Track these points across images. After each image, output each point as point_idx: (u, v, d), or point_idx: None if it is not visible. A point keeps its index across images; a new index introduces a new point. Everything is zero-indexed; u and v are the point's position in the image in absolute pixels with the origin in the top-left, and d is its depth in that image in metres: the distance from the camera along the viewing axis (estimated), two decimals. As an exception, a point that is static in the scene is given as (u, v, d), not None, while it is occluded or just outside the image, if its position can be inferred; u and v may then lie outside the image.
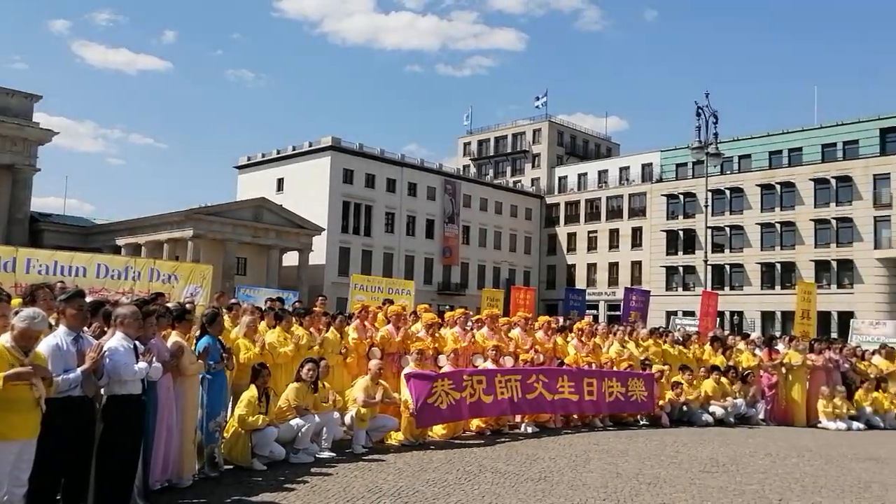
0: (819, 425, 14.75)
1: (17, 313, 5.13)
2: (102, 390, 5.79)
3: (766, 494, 7.73)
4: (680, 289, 65.93)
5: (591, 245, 74.83)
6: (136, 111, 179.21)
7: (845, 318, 48.03)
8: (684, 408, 13.64)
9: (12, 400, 4.76)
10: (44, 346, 5.30)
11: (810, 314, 21.37)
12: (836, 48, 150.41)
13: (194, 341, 7.58)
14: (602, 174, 77.49)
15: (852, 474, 9.18)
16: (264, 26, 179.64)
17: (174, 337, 6.98)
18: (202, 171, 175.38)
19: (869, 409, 15.51)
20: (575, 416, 12.51)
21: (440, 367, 10.86)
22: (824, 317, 55.26)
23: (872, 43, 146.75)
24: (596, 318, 50.17)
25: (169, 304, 7.92)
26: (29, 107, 46.73)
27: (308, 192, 60.67)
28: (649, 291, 32.99)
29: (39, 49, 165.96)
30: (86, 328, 6.06)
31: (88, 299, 6.65)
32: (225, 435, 7.97)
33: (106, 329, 6.34)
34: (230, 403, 8.58)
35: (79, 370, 5.39)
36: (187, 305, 8.51)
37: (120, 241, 52.70)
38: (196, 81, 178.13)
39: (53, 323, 5.86)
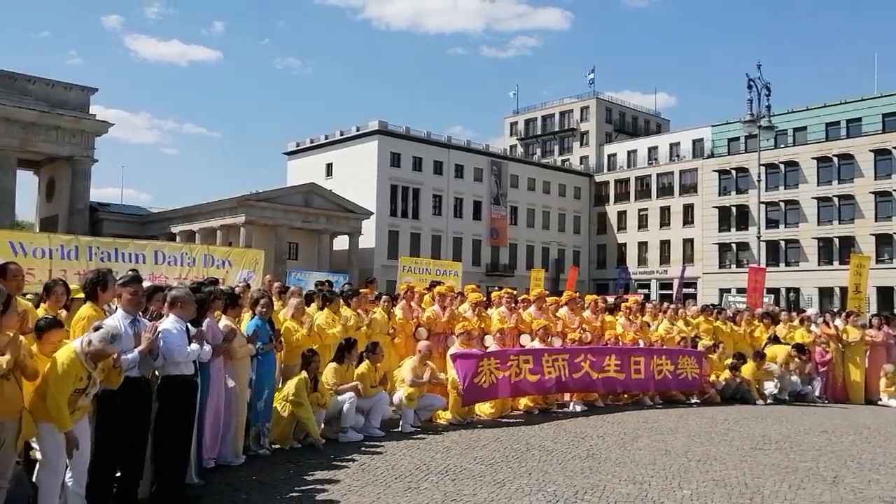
0: (879, 403, 14.41)
1: (97, 328, 5.10)
2: (157, 371, 5.98)
3: (819, 472, 7.60)
4: (733, 266, 64.71)
5: (642, 223, 73.87)
6: (189, 101, 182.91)
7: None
8: (741, 386, 13.41)
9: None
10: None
11: (861, 288, 20.72)
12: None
13: (244, 324, 7.75)
14: (652, 151, 76.25)
15: (911, 451, 8.97)
16: (308, 13, 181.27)
17: (225, 320, 7.16)
18: (253, 159, 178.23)
19: (932, 385, 15.08)
20: (624, 395, 12.46)
21: (486, 347, 10.91)
22: (887, 292, 53.82)
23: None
24: (647, 296, 49.58)
25: (221, 288, 8.10)
26: (86, 100, 47.92)
27: (356, 176, 61.15)
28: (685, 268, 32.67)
29: (94, 44, 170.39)
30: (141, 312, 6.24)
31: (146, 284, 6.86)
32: (276, 408, 8.17)
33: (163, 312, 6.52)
34: (280, 383, 8.77)
35: (136, 351, 5.57)
36: (237, 290, 8.69)
37: (175, 229, 53.85)
38: (245, 70, 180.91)
39: (114, 306, 6.05)
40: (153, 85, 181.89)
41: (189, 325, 6.25)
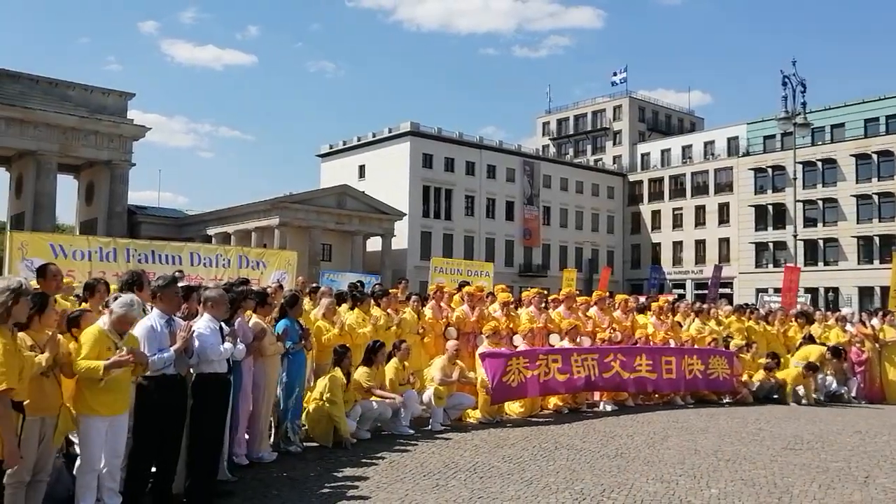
0: (917, 403, 14.16)
1: (115, 298, 5.47)
2: (192, 369, 6.14)
3: (851, 472, 7.53)
4: (770, 265, 63.78)
5: (677, 222, 73.14)
6: (224, 105, 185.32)
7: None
8: (775, 386, 13.24)
9: (106, 380, 5.12)
10: (139, 329, 5.64)
11: (901, 287, 20.37)
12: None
13: (273, 323, 7.90)
14: (686, 149, 75.42)
15: (947, 452, 8.83)
16: (341, 16, 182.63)
17: (255, 319, 7.31)
18: (287, 161, 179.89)
19: (972, 386, 14.79)
20: (655, 395, 12.42)
21: (515, 347, 10.96)
22: (928, 291, 52.53)
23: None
24: (682, 296, 49.08)
25: (252, 288, 8.27)
26: (123, 105, 48.85)
27: (389, 177, 61.45)
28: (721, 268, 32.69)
29: (131, 50, 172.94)
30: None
31: (180, 285, 7.04)
32: (307, 406, 8.32)
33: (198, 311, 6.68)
34: (312, 381, 8.92)
35: (171, 349, 5.72)
36: (268, 290, 8.85)
37: (211, 231, 54.61)
38: (279, 74, 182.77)
39: (149, 307, 6.23)
40: (189, 89, 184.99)
41: (223, 324, 6.40)
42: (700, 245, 70.78)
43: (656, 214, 75.32)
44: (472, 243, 64.98)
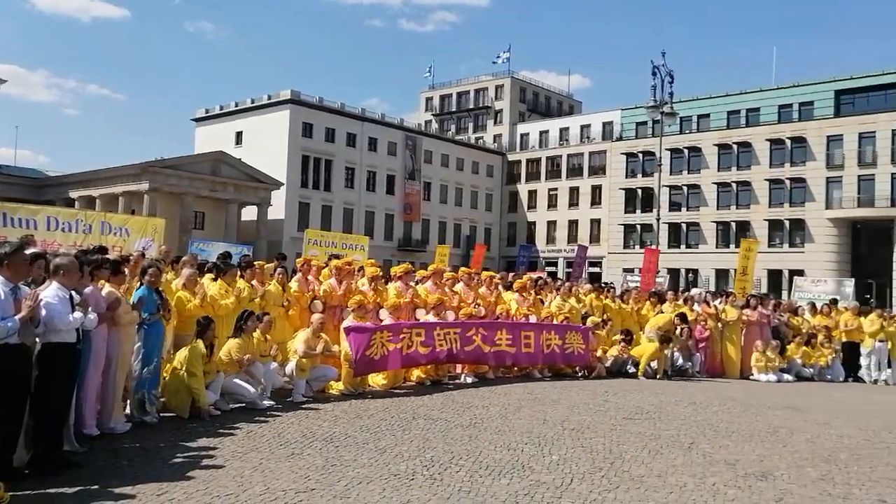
0: (751, 378, 15.46)
1: None
2: (38, 339, 5.95)
3: (679, 439, 8.22)
4: (637, 246, 66.85)
5: (552, 203, 75.44)
6: (92, 61, 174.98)
7: (796, 276, 49.31)
8: (630, 368, 14.07)
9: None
10: (-21, 296, 5.44)
11: (748, 270, 22.09)
12: (796, 7, 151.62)
13: (132, 293, 7.76)
14: (563, 132, 77.78)
15: (765, 420, 9.75)
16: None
17: (108, 288, 7.15)
18: (159, 124, 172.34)
19: (799, 362, 16.30)
20: (514, 368, 12.96)
21: (381, 321, 11.17)
22: (775, 275, 56.81)
23: (831, 4, 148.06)
24: (553, 274, 50.80)
25: (107, 256, 8.05)
26: (-24, 54, 45.41)
27: (267, 145, 60.12)
28: (587, 248, 34.56)
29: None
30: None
31: (30, 251, 6.77)
32: (164, 377, 8.24)
33: (46, 278, 6.46)
34: (172, 352, 8.80)
35: (16, 318, 5.53)
36: (132, 258, 8.66)
37: (74, 194, 51.88)
38: (154, 31, 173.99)
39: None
40: (53, 41, 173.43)
41: (74, 292, 6.23)
42: (573, 225, 73.34)
43: (533, 194, 77.40)
44: (352, 216, 64.72)
